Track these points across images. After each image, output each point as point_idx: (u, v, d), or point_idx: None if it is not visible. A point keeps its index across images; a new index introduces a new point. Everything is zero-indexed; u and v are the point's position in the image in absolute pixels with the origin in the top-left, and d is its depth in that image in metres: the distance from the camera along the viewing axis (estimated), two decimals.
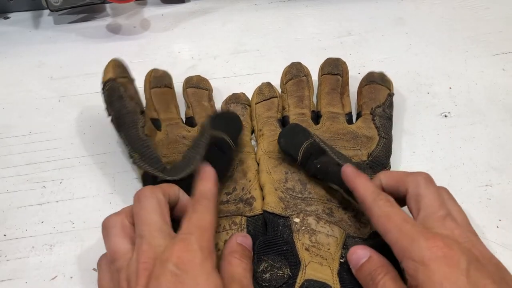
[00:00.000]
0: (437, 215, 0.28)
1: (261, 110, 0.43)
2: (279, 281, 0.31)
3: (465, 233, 0.27)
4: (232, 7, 0.59)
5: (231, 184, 0.38)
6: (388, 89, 0.43)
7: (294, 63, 0.46)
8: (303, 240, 0.33)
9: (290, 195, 0.36)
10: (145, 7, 0.59)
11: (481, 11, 0.58)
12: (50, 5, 0.53)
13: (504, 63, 0.51)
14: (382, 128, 0.40)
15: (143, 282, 0.25)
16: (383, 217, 0.28)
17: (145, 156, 0.35)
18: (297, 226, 0.34)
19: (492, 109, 0.46)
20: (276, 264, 0.32)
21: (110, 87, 0.37)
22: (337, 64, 0.45)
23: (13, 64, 0.51)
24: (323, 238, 0.33)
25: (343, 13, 0.58)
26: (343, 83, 0.44)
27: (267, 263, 0.32)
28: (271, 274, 0.31)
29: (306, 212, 0.35)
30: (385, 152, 0.38)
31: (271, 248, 0.32)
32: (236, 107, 0.43)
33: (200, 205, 0.30)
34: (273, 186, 0.36)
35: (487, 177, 0.40)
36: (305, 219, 0.34)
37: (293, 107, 0.42)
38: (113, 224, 0.29)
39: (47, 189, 0.40)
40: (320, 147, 0.36)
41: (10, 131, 0.45)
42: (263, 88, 0.44)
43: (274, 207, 0.35)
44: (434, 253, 0.25)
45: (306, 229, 0.34)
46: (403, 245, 0.26)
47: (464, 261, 0.24)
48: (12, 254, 0.36)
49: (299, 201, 0.36)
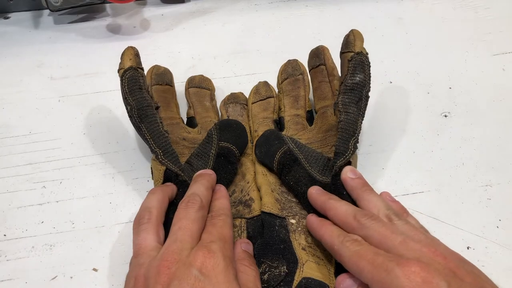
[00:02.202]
0: (396, 243, 0.27)
1: (257, 110, 0.43)
2: (276, 279, 0.31)
3: (431, 244, 0.26)
4: (232, 7, 0.59)
5: (231, 187, 0.38)
6: (351, 52, 0.37)
7: (290, 61, 0.45)
8: (299, 240, 0.33)
9: (285, 198, 0.36)
10: (145, 7, 0.59)
11: (481, 11, 0.58)
12: (50, 5, 0.53)
13: (504, 63, 0.51)
14: (342, 106, 0.36)
15: (163, 280, 0.25)
16: (354, 256, 0.27)
17: (168, 153, 0.36)
18: (293, 227, 0.34)
19: (492, 109, 0.46)
20: (273, 263, 0.32)
21: (131, 76, 0.36)
22: (318, 54, 0.44)
23: (13, 64, 0.51)
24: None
25: (343, 13, 0.58)
26: (328, 70, 0.42)
27: (265, 265, 0.32)
28: (269, 275, 0.31)
29: (301, 215, 0.35)
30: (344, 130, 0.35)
31: (269, 249, 0.32)
32: (235, 107, 0.43)
33: (219, 219, 0.30)
34: (270, 187, 0.37)
35: (487, 177, 0.40)
36: (300, 221, 0.34)
37: (288, 107, 0.42)
38: (146, 219, 0.30)
39: (47, 189, 0.40)
40: (293, 155, 0.36)
41: (10, 131, 0.45)
42: (260, 87, 0.44)
43: (271, 208, 0.35)
44: (412, 280, 0.24)
45: (302, 230, 0.34)
46: (380, 279, 0.25)
47: (444, 283, 0.24)
48: (12, 254, 0.36)
49: (293, 204, 0.36)
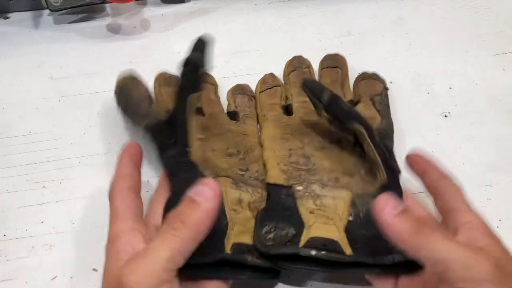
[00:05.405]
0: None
1: (264, 99, 0.44)
2: (283, 239, 0.30)
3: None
4: (232, 7, 0.59)
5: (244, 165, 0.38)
6: (382, 83, 0.45)
7: (295, 57, 0.47)
8: (307, 205, 0.33)
9: (293, 168, 0.36)
10: (145, 7, 0.59)
11: (481, 11, 0.58)
12: (50, 5, 0.52)
13: (504, 63, 0.51)
14: (382, 112, 0.41)
15: None
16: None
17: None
18: (300, 193, 0.34)
19: (492, 109, 0.46)
20: (279, 225, 0.31)
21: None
22: (336, 58, 0.47)
23: (13, 64, 0.51)
24: (329, 201, 0.33)
25: (343, 13, 0.58)
26: (343, 75, 0.46)
27: (270, 226, 0.31)
28: (275, 234, 0.31)
29: (310, 181, 0.35)
30: (389, 128, 0.40)
31: (273, 214, 0.32)
32: (243, 98, 0.44)
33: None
34: (276, 161, 0.37)
35: (487, 177, 0.40)
36: (308, 186, 0.34)
37: (296, 96, 0.43)
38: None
39: (47, 189, 0.40)
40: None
41: (10, 131, 0.44)
42: (266, 78, 0.45)
43: (276, 178, 0.35)
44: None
45: (310, 195, 0.33)
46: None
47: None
48: (12, 254, 0.36)
49: (303, 172, 0.36)
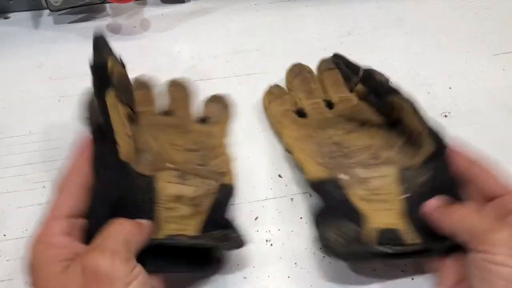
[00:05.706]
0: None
1: (276, 107, 0.44)
2: (349, 238, 0.29)
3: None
4: (232, 7, 0.59)
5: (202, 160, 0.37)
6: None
7: (295, 64, 0.47)
8: (357, 192, 0.32)
9: (329, 157, 0.35)
10: (145, 7, 0.59)
11: (481, 11, 0.58)
12: (50, 5, 0.53)
13: (504, 63, 0.51)
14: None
15: None
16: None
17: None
18: (347, 182, 0.33)
19: (492, 109, 0.46)
20: (340, 226, 0.30)
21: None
22: (331, 61, 0.47)
23: (13, 64, 0.51)
24: (377, 182, 0.33)
25: (343, 13, 0.58)
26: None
27: (331, 229, 0.30)
28: (338, 235, 0.29)
29: (351, 165, 0.34)
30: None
31: (330, 217, 0.31)
32: (217, 105, 0.45)
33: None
34: (309, 156, 0.36)
35: None
36: (351, 172, 0.33)
37: (305, 99, 0.44)
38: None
39: (47, 189, 0.40)
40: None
41: (10, 131, 0.44)
42: (272, 89, 0.45)
43: (315, 172, 0.34)
44: None
45: (356, 181, 0.33)
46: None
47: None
48: (12, 254, 0.36)
49: (340, 158, 0.35)
